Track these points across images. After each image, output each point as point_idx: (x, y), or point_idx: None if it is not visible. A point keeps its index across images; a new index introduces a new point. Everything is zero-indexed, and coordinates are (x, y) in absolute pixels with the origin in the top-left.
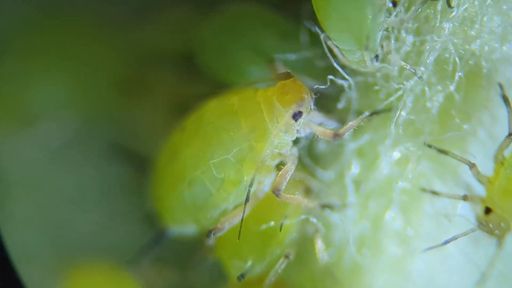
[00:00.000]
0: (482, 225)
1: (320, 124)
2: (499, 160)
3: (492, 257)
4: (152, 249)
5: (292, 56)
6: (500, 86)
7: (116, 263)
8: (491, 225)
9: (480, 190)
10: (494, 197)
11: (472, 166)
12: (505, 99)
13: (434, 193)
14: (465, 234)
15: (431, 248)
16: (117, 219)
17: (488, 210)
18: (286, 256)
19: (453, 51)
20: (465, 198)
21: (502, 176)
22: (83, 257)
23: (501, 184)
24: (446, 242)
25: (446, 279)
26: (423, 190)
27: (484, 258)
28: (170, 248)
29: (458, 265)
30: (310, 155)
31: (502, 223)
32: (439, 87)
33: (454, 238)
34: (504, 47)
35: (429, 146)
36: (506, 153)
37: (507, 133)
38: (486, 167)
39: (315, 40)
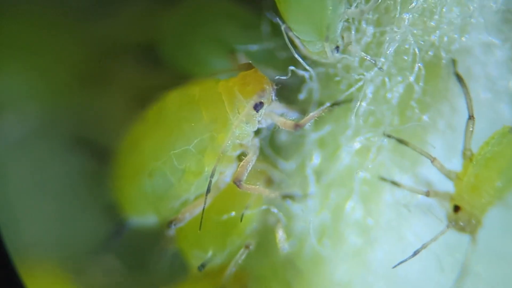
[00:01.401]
0: (451, 224)
1: (281, 115)
2: (468, 156)
3: (467, 254)
4: (113, 239)
5: (253, 47)
6: (453, 62)
7: (75, 255)
8: (461, 223)
9: (441, 181)
10: (463, 194)
11: (433, 160)
12: (458, 77)
13: (396, 184)
14: (435, 239)
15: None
16: (78, 210)
17: (457, 208)
18: (247, 246)
19: (412, 42)
20: (427, 194)
21: (471, 173)
22: (40, 250)
23: (469, 180)
24: (416, 252)
25: (405, 268)
26: (394, 183)
27: (444, 248)
28: (131, 239)
29: (418, 254)
30: (271, 146)
31: (472, 220)
32: (399, 78)
33: (425, 246)
34: (463, 38)
35: (389, 136)
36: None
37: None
38: (446, 157)
39: (276, 31)
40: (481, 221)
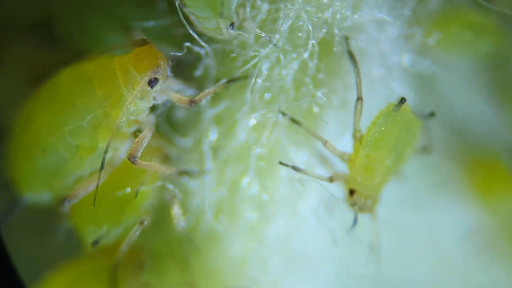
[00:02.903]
0: (350, 206)
1: (177, 91)
2: (357, 138)
3: (374, 232)
4: (7, 216)
5: (149, 23)
6: (346, 39)
7: None
8: (357, 205)
9: (332, 157)
10: (356, 176)
11: (324, 142)
12: (351, 55)
13: (297, 170)
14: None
15: None
16: None
17: (352, 192)
18: (141, 222)
19: (306, 19)
20: (331, 180)
21: (362, 154)
22: None
23: (361, 162)
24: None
25: (300, 243)
26: (295, 168)
27: (338, 223)
28: (25, 215)
29: (312, 229)
30: (168, 122)
31: (368, 201)
32: (293, 55)
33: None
34: (355, 15)
35: (283, 114)
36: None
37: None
38: (339, 133)
39: (172, 8)
40: (378, 199)
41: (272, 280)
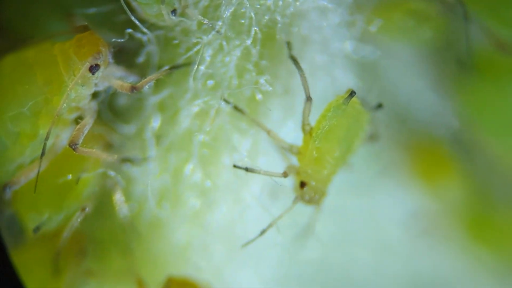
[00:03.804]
0: (299, 198)
1: (119, 78)
2: (307, 131)
3: (313, 218)
4: None
5: (90, 10)
6: (288, 44)
7: None
8: (307, 197)
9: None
10: (307, 169)
11: (268, 132)
12: (293, 59)
13: (251, 171)
14: (282, 215)
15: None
16: None
17: (303, 184)
18: (83, 209)
19: (248, 5)
20: (285, 175)
21: (312, 147)
22: None
23: (311, 155)
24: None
25: (243, 230)
26: (248, 170)
27: (281, 209)
28: None
29: (255, 216)
30: (110, 109)
31: (316, 195)
32: (236, 42)
33: (272, 224)
34: (297, 2)
35: (227, 101)
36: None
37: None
38: (282, 119)
39: None
40: (326, 192)
41: (215, 267)
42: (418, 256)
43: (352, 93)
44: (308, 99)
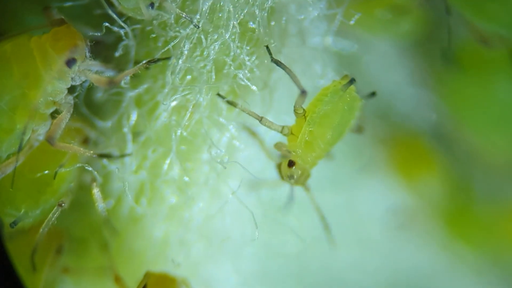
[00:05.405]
0: (285, 178)
1: (96, 72)
2: (300, 114)
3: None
4: None
5: (67, 3)
6: (268, 49)
7: None
8: (294, 177)
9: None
10: (297, 149)
11: (260, 119)
12: (276, 63)
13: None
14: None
15: None
16: None
17: (291, 164)
18: (60, 205)
19: None
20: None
21: (305, 130)
22: None
23: (303, 137)
24: None
25: (222, 225)
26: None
27: (259, 204)
28: None
29: (233, 211)
30: (87, 104)
31: (304, 174)
32: (214, 36)
33: None
34: None
35: (220, 96)
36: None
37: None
38: (260, 114)
39: None
40: (310, 174)
41: (194, 263)
42: (398, 252)
43: (352, 80)
44: (303, 92)
